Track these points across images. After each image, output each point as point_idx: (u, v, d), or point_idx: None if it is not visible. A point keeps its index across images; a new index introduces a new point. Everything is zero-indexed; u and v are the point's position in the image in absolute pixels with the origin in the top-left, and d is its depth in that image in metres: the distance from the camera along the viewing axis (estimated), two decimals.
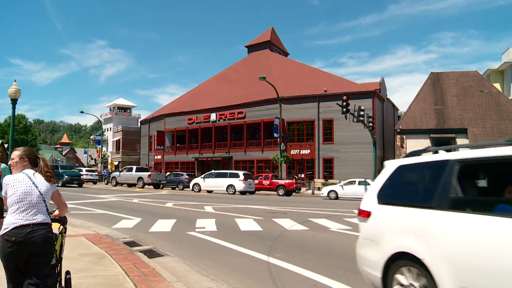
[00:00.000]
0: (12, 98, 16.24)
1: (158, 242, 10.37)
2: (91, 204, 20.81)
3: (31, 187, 4.19)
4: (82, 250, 8.74)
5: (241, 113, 54.17)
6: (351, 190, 32.46)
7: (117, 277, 6.60)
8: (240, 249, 9.62)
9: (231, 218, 15.74)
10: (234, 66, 68.80)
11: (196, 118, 59.49)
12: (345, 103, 32.87)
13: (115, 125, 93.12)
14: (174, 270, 7.38)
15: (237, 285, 6.62)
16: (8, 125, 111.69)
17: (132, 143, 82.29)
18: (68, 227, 10.87)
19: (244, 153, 53.77)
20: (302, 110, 48.54)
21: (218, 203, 23.61)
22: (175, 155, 62.45)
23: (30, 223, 4.03)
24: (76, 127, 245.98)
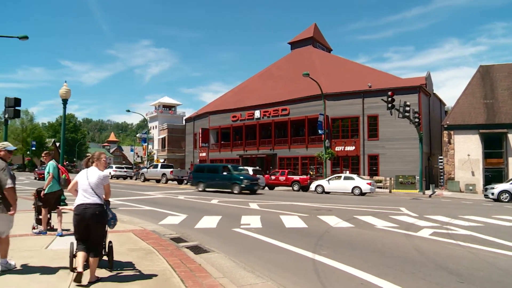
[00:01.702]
0: (63, 98, 16.70)
1: (204, 239, 10.50)
2: (138, 201, 21.24)
3: (85, 178, 6.32)
4: (130, 245, 8.96)
5: (285, 110, 54.08)
6: (337, 184, 33.34)
7: (164, 272, 6.74)
8: (285, 246, 9.65)
9: (276, 215, 15.77)
10: (278, 63, 68.70)
11: (240, 116, 59.76)
12: (390, 98, 32.41)
13: (161, 123, 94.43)
14: (220, 266, 7.47)
15: (283, 282, 6.64)
16: (59, 124, 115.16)
17: (177, 140, 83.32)
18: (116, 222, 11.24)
19: (289, 150, 53.67)
20: (346, 106, 48.06)
21: (261, 200, 23.68)
22: (220, 152, 62.94)
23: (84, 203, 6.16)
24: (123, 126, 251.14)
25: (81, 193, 6.20)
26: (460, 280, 6.99)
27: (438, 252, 9.33)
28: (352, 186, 32.38)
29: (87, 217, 6.03)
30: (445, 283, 6.77)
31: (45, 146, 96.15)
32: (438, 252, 9.27)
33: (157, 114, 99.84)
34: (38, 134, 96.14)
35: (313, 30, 65.85)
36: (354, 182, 32.57)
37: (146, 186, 37.37)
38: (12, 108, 14.73)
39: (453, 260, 8.49)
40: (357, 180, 32.80)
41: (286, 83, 57.71)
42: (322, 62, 58.09)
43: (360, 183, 32.43)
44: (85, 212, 6.04)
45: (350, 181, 32.73)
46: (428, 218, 15.49)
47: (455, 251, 9.44)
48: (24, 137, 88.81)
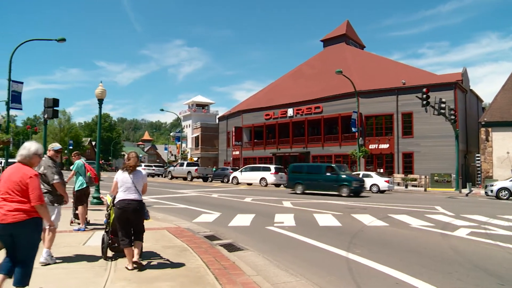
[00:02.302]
0: (99, 98, 17.00)
1: (238, 237, 10.55)
2: (172, 199, 21.48)
3: (127, 177, 7.00)
4: (165, 242, 9.07)
5: (318, 107, 53.78)
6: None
7: (199, 269, 6.81)
8: (319, 244, 9.61)
9: (310, 213, 15.73)
10: (310, 61, 68.36)
11: (273, 114, 59.68)
12: (425, 95, 31.93)
13: (194, 122, 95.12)
14: (253, 264, 7.50)
15: (316, 280, 6.62)
16: (95, 123, 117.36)
17: (210, 139, 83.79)
18: (151, 220, 11.54)
19: (322, 148, 53.36)
20: (380, 104, 47.46)
21: (296, 198, 23.63)
22: (253, 151, 63.02)
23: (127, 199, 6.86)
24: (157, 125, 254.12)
25: (124, 190, 6.89)
26: (500, 282, 6.81)
27: (475, 252, 9.14)
28: (370, 183, 32.53)
29: (130, 211, 6.78)
30: (484, 285, 6.61)
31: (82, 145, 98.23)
32: (476, 253, 9.08)
33: (191, 113, 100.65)
34: (75, 133, 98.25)
35: (346, 27, 65.27)
36: (372, 180, 32.81)
37: (179, 184, 37.77)
38: (51, 108, 15.08)
39: (492, 261, 8.30)
40: (375, 178, 33.14)
41: (318, 81, 57.35)
42: (355, 59, 57.52)
43: (378, 180, 32.83)
44: (128, 206, 6.78)
45: (368, 179, 32.56)
46: (465, 218, 15.18)
47: (494, 252, 9.23)
48: (62, 136, 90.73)
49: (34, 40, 30.19)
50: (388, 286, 6.49)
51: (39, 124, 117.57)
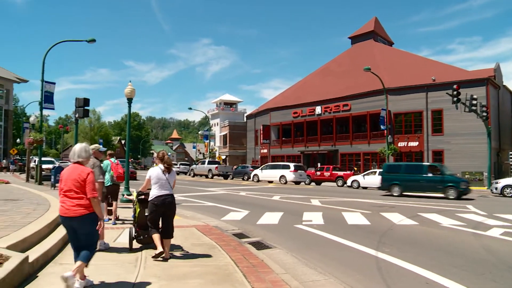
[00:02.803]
0: (128, 97, 17.21)
1: (266, 234, 10.56)
2: (201, 197, 21.62)
3: (162, 174, 7.55)
4: (194, 240, 9.13)
5: (346, 105, 53.43)
6: (371, 180, 33.51)
7: (227, 267, 6.84)
8: (347, 243, 9.55)
9: (338, 212, 15.65)
10: (338, 58, 67.93)
11: (301, 112, 59.53)
12: (456, 92, 31.39)
13: (222, 120, 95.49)
14: (282, 262, 7.50)
15: (345, 279, 6.59)
16: (124, 122, 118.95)
17: (238, 137, 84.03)
18: (179, 218, 11.67)
19: (350, 146, 53.03)
20: (409, 101, 46.85)
21: (324, 196, 23.54)
22: (281, 149, 62.99)
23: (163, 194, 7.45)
24: (185, 123, 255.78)
25: (159, 187, 7.50)
26: None
27: (510, 252, 8.95)
28: None
29: (165, 205, 7.44)
30: None
31: (111, 143, 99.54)
32: (511, 253, 8.89)
33: (219, 111, 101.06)
34: (105, 132, 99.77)
35: (374, 24, 64.60)
36: None
37: (208, 183, 38.03)
38: (82, 108, 15.34)
39: None
40: None
41: (347, 78, 56.95)
42: (383, 56, 56.92)
43: None
44: (164, 201, 7.43)
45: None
46: (498, 217, 14.87)
47: None
48: (92, 135, 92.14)
49: (66, 42, 30.74)
50: (418, 286, 6.42)
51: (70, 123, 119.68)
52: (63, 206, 5.45)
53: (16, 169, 51.60)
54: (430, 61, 54.69)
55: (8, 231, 7.63)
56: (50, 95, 30.27)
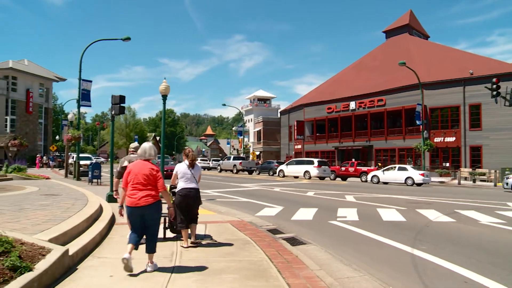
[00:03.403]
0: (163, 94, 17.40)
1: (300, 230, 10.56)
2: (235, 193, 21.72)
3: (188, 170, 8.27)
4: (228, 236, 9.20)
5: (381, 100, 52.82)
6: (391, 175, 34.63)
7: (262, 262, 6.87)
8: (382, 239, 9.47)
9: (373, 208, 15.52)
10: (372, 53, 67.21)
11: (335, 107, 59.16)
12: (495, 85, 30.59)
13: (256, 116, 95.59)
14: (316, 258, 7.49)
15: (380, 276, 6.54)
16: (159, 119, 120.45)
17: (272, 133, 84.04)
18: (214, 214, 11.82)
19: (385, 141, 52.44)
20: (445, 95, 45.97)
21: (359, 192, 23.35)
22: (315, 145, 62.77)
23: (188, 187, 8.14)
24: (219, 119, 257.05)
25: (184, 180, 8.19)
26: None
27: None
28: (405, 176, 33.53)
29: (190, 197, 8.12)
30: None
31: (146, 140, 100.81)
32: None
33: (252, 107, 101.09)
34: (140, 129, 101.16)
35: (409, 17, 63.58)
36: (407, 173, 33.61)
37: (242, 178, 38.17)
38: (118, 105, 15.52)
39: None
40: (410, 171, 33.79)
41: (381, 73, 56.33)
42: (419, 50, 56.00)
43: (412, 173, 33.42)
44: (189, 193, 8.10)
45: (403, 172, 33.89)
46: None
47: None
48: (128, 132, 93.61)
49: (101, 40, 31.32)
50: (456, 284, 6.31)
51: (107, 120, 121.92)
52: (133, 197, 6.23)
53: (55, 165, 52.88)
54: (467, 54, 53.55)
55: (49, 224, 7.88)
56: (87, 93, 30.93)
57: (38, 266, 5.20)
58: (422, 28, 67.05)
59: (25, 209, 10.14)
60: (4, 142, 46.26)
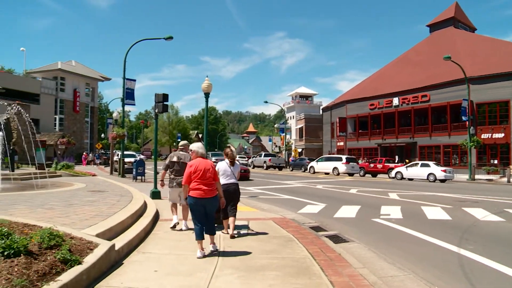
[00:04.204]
0: (205, 92, 17.55)
1: (343, 228, 10.49)
2: (277, 190, 21.74)
3: (228, 167, 9.18)
4: (271, 233, 9.23)
5: (425, 96, 51.73)
6: (414, 171, 35.64)
7: (304, 260, 6.86)
8: (427, 238, 9.30)
9: (417, 206, 15.26)
10: (416, 48, 65.92)
11: (378, 104, 58.33)
12: None
13: (298, 113, 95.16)
14: (359, 256, 7.42)
15: (425, 275, 6.42)
16: (202, 117, 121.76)
17: (314, 130, 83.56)
18: (256, 211, 11.90)
19: (430, 138, 51.36)
20: (493, 90, 44.57)
21: (402, 190, 23.01)
22: (358, 141, 62.11)
23: (228, 183, 9.01)
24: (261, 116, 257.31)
25: (225, 177, 9.06)
26: None
27: None
28: (427, 173, 34.38)
29: (231, 191, 8.96)
30: None
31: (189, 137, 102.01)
32: None
33: (294, 104, 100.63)
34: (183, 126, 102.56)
35: (455, 9, 61.94)
36: (429, 169, 34.46)
37: (284, 176, 38.22)
38: (161, 103, 15.73)
39: None
40: (432, 167, 34.60)
41: (425, 68, 55.14)
42: (464, 43, 54.53)
43: (434, 170, 34.21)
44: (229, 188, 8.95)
45: (425, 168, 34.78)
46: None
47: None
48: (170, 129, 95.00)
49: (145, 40, 31.86)
50: (506, 286, 6.13)
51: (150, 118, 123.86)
52: (200, 190, 7.13)
53: (101, 163, 54.16)
54: None
55: (96, 220, 8.12)
56: (131, 92, 31.54)
57: (86, 260, 5.41)
58: (469, 21, 65.26)
59: (74, 205, 10.47)
60: (53, 140, 47.67)
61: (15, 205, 10.14)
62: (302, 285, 5.53)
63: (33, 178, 19.45)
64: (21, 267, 4.65)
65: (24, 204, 10.40)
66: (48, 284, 4.48)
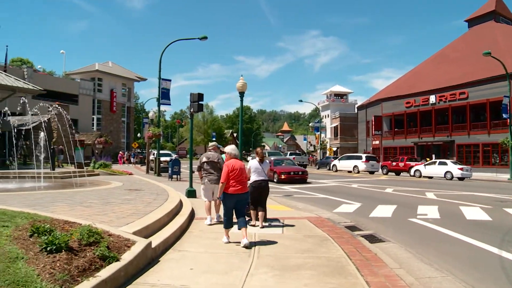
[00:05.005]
0: (240, 91, 17.61)
1: (379, 228, 10.39)
2: (312, 189, 21.66)
3: (258, 165, 10.02)
4: (306, 232, 9.21)
5: (463, 93, 50.57)
6: (432, 169, 36.24)
7: (340, 259, 6.82)
8: (466, 239, 9.10)
9: (455, 206, 14.97)
10: (453, 44, 64.56)
11: (414, 101, 57.34)
12: None
13: (332, 112, 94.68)
14: (396, 256, 7.34)
15: (464, 278, 6.28)
16: (236, 116, 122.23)
17: (349, 129, 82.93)
18: (291, 210, 11.95)
19: (468, 136, 50.21)
20: None
21: (440, 189, 22.61)
22: (393, 140, 61.25)
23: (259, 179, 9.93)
24: (295, 115, 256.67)
25: (256, 174, 9.95)
26: None
27: None
28: (444, 171, 34.99)
29: (261, 187, 9.93)
30: None
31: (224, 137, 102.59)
32: None
33: (329, 103, 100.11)
34: (217, 126, 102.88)
35: (495, 3, 60.18)
36: (446, 167, 35.04)
37: (318, 174, 38.05)
38: (196, 103, 15.84)
39: None
40: (449, 165, 35.13)
41: (463, 65, 53.90)
42: (506, 38, 52.99)
43: (452, 168, 34.78)
44: (260, 184, 9.90)
45: (443, 166, 35.38)
46: None
47: None
48: (205, 129, 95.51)
49: (180, 40, 32.18)
50: None
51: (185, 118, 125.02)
52: (236, 186, 8.00)
53: (137, 162, 55.02)
54: None
55: (132, 218, 8.28)
56: (166, 92, 31.92)
57: (124, 257, 5.56)
58: (511, 14, 63.36)
59: (111, 203, 10.69)
60: (91, 140, 48.68)
61: (55, 202, 10.43)
62: (337, 284, 5.50)
63: (72, 176, 19.89)
64: (62, 263, 4.84)
65: (64, 201, 10.69)
66: (88, 279, 4.63)
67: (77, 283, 4.50)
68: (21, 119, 31.77)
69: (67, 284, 4.43)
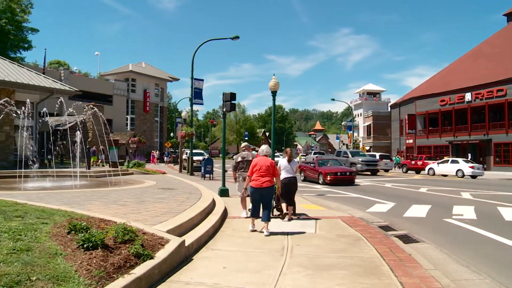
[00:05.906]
0: (272, 90, 17.59)
1: (413, 228, 10.25)
2: (345, 189, 21.51)
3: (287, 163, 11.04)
4: (339, 231, 9.16)
5: (501, 90, 49.35)
6: (444, 168, 37.04)
7: (373, 260, 6.76)
8: (504, 240, 8.88)
9: (493, 206, 14.65)
10: (490, 39, 63.06)
11: (449, 99, 56.27)
12: None
13: (365, 111, 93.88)
14: (430, 257, 7.22)
15: (503, 281, 6.13)
16: (268, 115, 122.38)
17: (382, 127, 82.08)
18: (324, 209, 11.98)
19: (506, 135, 48.97)
20: None
21: (475, 189, 22.16)
22: (428, 139, 60.28)
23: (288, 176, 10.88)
24: (328, 114, 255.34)
25: (285, 171, 10.93)
26: None
27: None
28: (456, 169, 35.64)
29: (290, 183, 10.83)
30: None
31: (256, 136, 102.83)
32: None
33: (362, 101, 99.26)
34: (250, 125, 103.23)
35: None
36: (458, 166, 35.69)
37: None
38: (229, 102, 15.90)
39: None
40: (461, 164, 35.76)
41: (501, 61, 52.57)
42: None
43: (463, 166, 35.32)
44: (289, 181, 10.81)
45: (455, 165, 36.10)
46: None
47: None
48: (238, 128, 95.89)
49: (212, 40, 32.37)
50: None
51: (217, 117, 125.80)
52: (258, 181, 8.86)
53: (170, 161, 55.59)
54: None
55: (166, 217, 8.39)
56: (199, 91, 32.18)
57: (158, 255, 5.66)
58: None
59: (145, 202, 10.84)
60: (125, 139, 49.43)
61: (91, 201, 10.64)
62: (370, 285, 5.45)
63: (107, 175, 20.22)
64: (98, 259, 4.97)
65: (99, 200, 10.90)
66: (123, 276, 4.73)
67: (112, 279, 4.60)
68: (58, 119, 32.54)
69: (103, 280, 4.53)
